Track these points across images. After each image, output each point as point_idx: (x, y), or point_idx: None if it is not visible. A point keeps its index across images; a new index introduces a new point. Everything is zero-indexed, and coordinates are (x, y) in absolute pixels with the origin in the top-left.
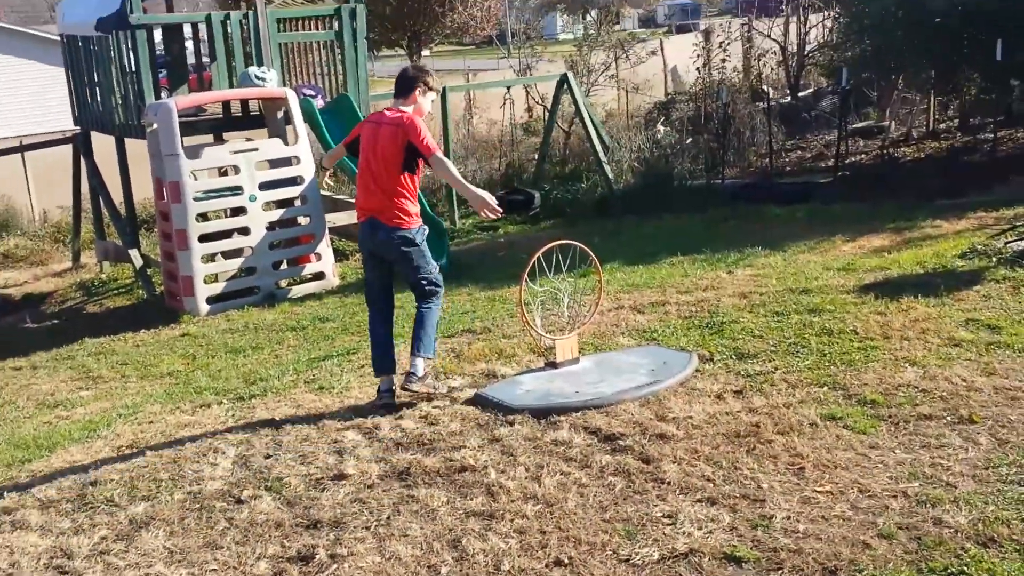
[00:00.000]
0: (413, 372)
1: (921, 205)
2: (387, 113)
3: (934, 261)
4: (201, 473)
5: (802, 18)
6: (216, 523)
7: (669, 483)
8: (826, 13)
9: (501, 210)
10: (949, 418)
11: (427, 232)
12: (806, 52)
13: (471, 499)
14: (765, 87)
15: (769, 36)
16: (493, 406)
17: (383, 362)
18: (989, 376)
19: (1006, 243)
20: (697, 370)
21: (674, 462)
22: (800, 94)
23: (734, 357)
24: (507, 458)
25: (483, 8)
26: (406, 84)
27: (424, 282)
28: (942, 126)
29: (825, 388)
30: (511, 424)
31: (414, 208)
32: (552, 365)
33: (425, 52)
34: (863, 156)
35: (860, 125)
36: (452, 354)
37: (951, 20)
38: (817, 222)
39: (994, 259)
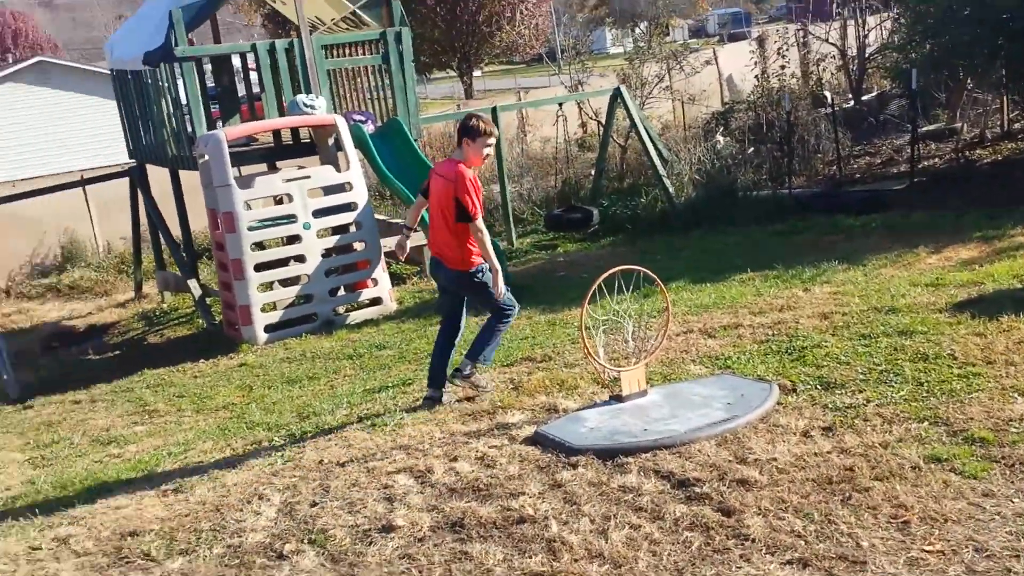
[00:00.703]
0: (459, 369)
1: (1007, 211)
2: (443, 165)
3: None
4: (243, 523)
5: (859, 20)
6: None
7: (753, 540)
8: (884, 14)
9: (505, 287)
10: None
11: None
12: (866, 55)
13: (530, 557)
14: (826, 92)
15: (827, 40)
16: (554, 446)
17: (433, 374)
18: None
19: None
20: (779, 403)
21: (758, 514)
22: (863, 98)
23: (819, 387)
24: (570, 507)
25: (531, 26)
26: (457, 134)
27: (496, 309)
28: (1016, 126)
29: (926, 424)
30: (574, 467)
31: (473, 250)
32: (618, 398)
33: (476, 72)
34: (936, 160)
35: (930, 128)
36: (511, 385)
37: (1019, 15)
38: (896, 232)
39: None
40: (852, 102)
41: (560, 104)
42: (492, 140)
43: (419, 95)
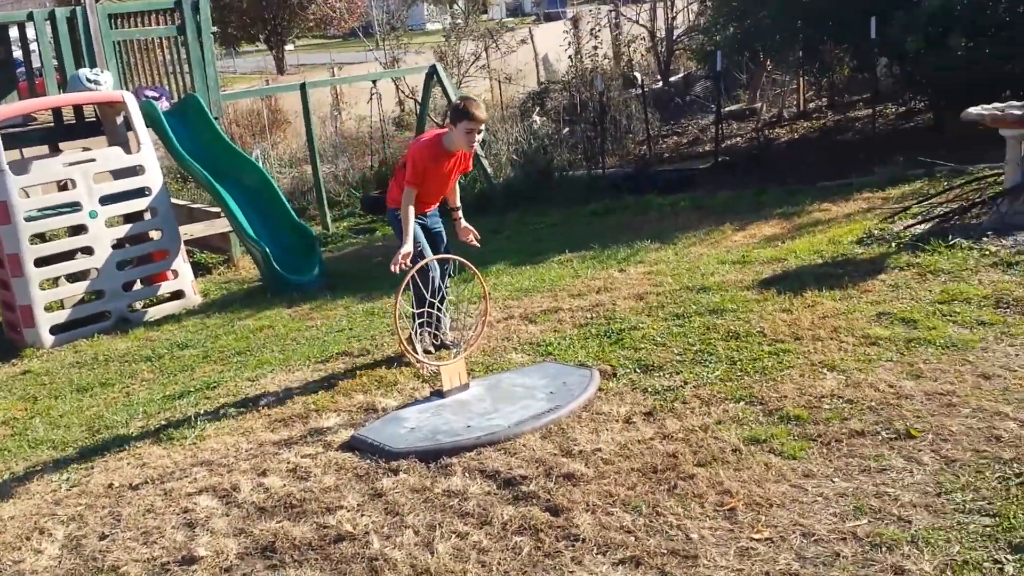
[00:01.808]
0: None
1: (804, 188)
2: None
3: (831, 249)
4: (22, 565)
5: (668, 3)
6: None
7: (584, 540)
8: None
9: (409, 265)
10: (884, 434)
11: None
12: (675, 37)
13: None
14: (636, 73)
15: (637, 22)
16: (373, 450)
17: None
18: (916, 379)
19: (905, 227)
20: (600, 389)
21: (587, 510)
22: (671, 79)
23: (638, 370)
24: (392, 519)
25: None
26: None
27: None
28: (811, 106)
29: (742, 403)
30: (395, 472)
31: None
32: (439, 394)
33: (289, 46)
34: (738, 139)
35: (732, 108)
36: (326, 385)
37: (818, 1)
38: (703, 210)
39: (893, 244)
40: (661, 83)
41: (374, 81)
42: (474, 125)
43: (227, 69)
